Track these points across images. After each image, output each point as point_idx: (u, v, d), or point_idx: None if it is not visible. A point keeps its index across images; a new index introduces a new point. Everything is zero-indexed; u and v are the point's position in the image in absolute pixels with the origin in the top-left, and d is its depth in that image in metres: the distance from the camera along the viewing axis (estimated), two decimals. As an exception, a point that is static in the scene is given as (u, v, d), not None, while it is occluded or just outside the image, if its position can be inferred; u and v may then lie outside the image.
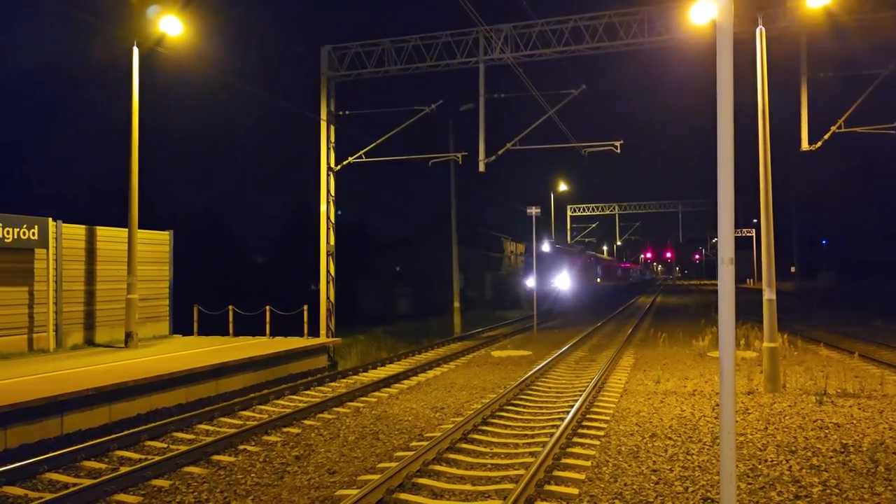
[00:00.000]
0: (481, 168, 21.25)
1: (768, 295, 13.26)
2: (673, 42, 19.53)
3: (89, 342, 18.00)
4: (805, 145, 18.80)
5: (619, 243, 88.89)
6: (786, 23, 17.56)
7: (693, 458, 8.68)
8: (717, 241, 4.98)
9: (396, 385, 14.88)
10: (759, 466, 8.29)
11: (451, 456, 9.06)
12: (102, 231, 18.64)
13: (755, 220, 64.39)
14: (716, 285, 4.78)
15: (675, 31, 19.13)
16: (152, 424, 10.83)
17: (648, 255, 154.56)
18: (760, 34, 13.83)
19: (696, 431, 10.13)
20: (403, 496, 7.46)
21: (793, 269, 76.60)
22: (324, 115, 21.84)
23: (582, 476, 8.01)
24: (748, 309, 24.40)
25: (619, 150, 21.81)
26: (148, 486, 7.99)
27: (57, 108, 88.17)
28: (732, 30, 4.85)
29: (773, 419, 10.83)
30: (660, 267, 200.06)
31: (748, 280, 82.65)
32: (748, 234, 74.46)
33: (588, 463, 8.54)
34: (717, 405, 11.82)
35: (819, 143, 18.76)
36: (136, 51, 17.00)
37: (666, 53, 21.57)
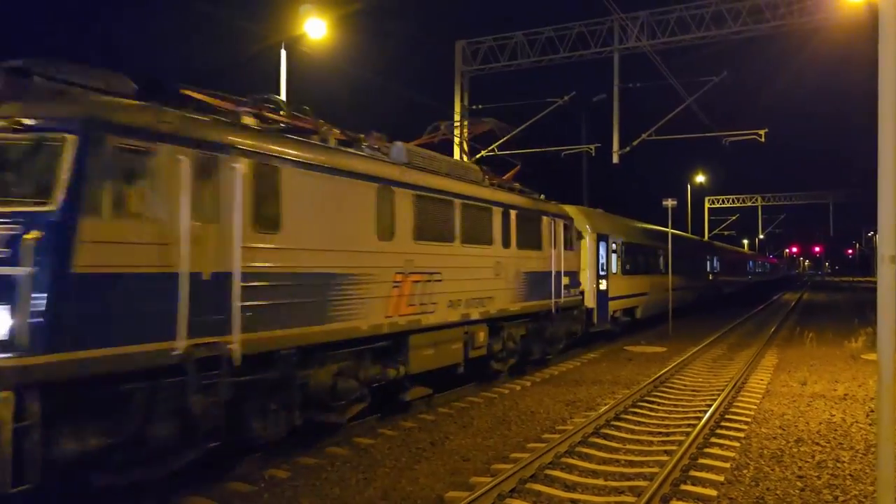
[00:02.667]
0: (615, 159, 20.92)
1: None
2: (825, 22, 18.31)
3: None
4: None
5: (761, 237, 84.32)
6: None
7: (844, 466, 8.20)
8: (874, 235, 4.70)
9: (528, 377, 14.96)
10: (921, 479, 7.70)
11: (583, 450, 9.05)
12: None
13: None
14: (870, 282, 4.54)
15: (827, 10, 17.94)
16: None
17: (794, 249, 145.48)
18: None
19: (847, 438, 9.53)
20: (536, 486, 7.55)
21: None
22: (457, 109, 22.23)
23: (720, 478, 7.77)
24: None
25: (763, 139, 20.76)
26: (295, 462, 8.53)
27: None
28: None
29: (938, 429, 9.99)
30: (807, 262, 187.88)
31: (910, 277, 75.81)
32: (911, 228, 68.33)
33: (727, 465, 8.27)
34: (872, 411, 11.04)
35: None
36: (283, 53, 18.02)
37: (818, 34, 20.24)
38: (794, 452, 8.82)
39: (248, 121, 7.98)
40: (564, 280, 15.92)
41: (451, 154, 22.37)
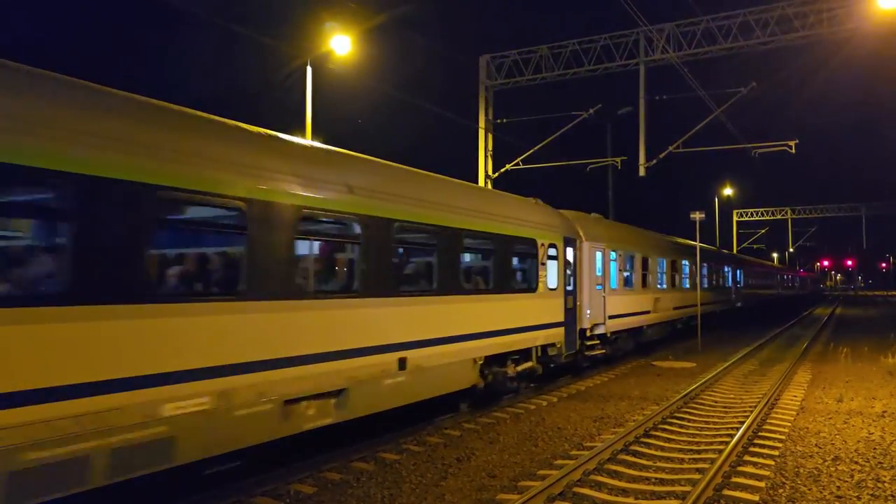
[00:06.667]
0: (641, 172, 20.69)
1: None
2: (856, 31, 18.00)
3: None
4: None
5: (791, 250, 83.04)
6: None
7: (885, 487, 7.92)
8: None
9: (555, 392, 14.77)
10: (966, 500, 7.41)
11: (613, 467, 8.86)
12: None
13: (955, 225, 56.16)
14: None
15: (859, 20, 17.63)
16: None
17: (825, 262, 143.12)
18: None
19: (886, 457, 9.23)
20: (565, 505, 7.39)
21: None
22: (482, 124, 22.19)
23: (755, 497, 7.54)
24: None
25: (793, 151, 20.42)
26: (320, 477, 8.46)
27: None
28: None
29: (982, 448, 9.63)
30: (838, 276, 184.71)
31: (946, 291, 74.03)
32: (946, 240, 66.85)
33: (762, 483, 8.03)
34: (914, 429, 10.72)
35: None
36: (308, 69, 18.16)
37: (849, 43, 19.93)
38: (831, 471, 8.55)
39: None
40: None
41: (477, 168, 22.26)
